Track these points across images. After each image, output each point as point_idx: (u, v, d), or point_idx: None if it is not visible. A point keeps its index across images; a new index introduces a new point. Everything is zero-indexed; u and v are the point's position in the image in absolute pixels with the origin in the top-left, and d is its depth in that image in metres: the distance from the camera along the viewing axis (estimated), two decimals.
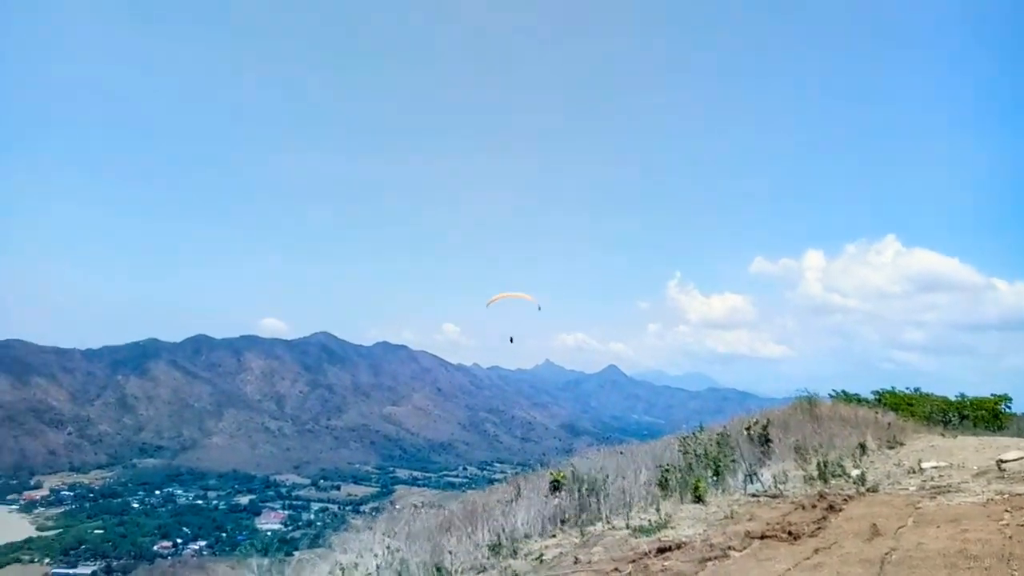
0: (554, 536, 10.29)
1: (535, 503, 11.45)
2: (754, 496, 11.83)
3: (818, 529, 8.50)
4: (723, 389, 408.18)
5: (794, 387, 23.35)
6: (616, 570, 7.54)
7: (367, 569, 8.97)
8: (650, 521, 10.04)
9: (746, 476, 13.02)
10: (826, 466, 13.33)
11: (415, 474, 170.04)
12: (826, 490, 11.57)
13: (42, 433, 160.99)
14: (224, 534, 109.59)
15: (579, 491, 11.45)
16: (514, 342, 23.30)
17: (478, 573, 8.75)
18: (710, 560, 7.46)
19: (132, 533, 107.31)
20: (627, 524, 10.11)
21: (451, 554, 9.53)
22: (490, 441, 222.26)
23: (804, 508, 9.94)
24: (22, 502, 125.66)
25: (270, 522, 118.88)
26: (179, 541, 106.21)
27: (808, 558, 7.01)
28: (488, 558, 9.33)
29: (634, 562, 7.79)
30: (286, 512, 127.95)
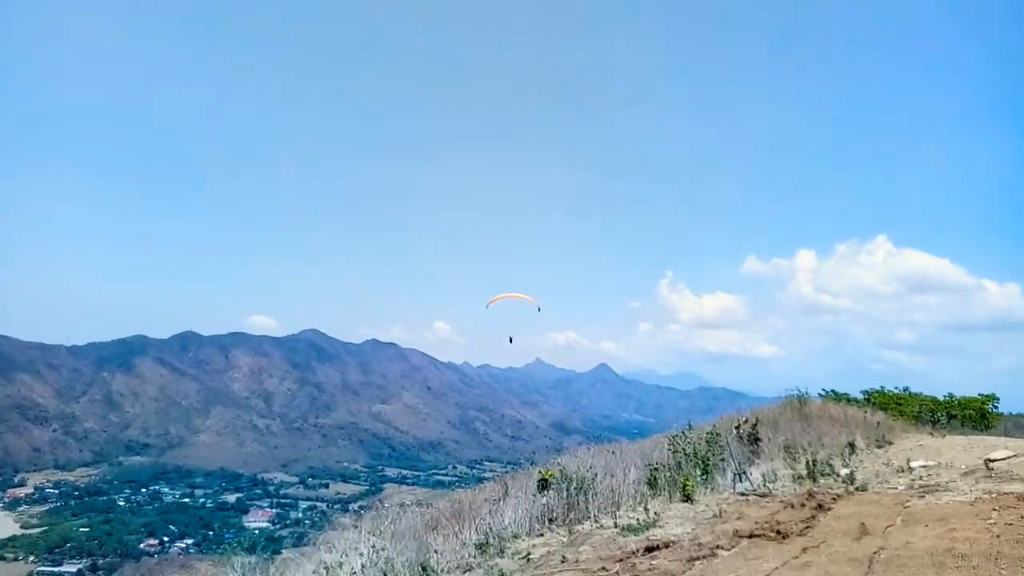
0: (542, 535, 10.25)
1: (523, 502, 11.41)
2: (743, 495, 11.84)
3: (807, 528, 8.49)
4: (714, 388, 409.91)
5: (784, 387, 23.42)
6: (603, 569, 7.49)
7: (352, 568, 8.89)
8: (638, 520, 10.02)
9: (735, 475, 13.03)
10: (815, 465, 13.36)
11: (404, 472, 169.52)
12: (815, 489, 11.58)
13: (27, 430, 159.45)
14: (211, 532, 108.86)
15: (567, 490, 11.41)
16: (512, 342, 23.22)
17: (464, 572, 8.69)
18: (698, 559, 7.43)
19: (118, 531, 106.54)
20: (615, 523, 10.09)
21: (437, 553, 9.46)
22: (480, 440, 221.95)
23: (793, 507, 9.94)
24: (6, 500, 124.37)
25: (258, 520, 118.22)
26: (166, 539, 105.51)
27: (796, 557, 6.99)
28: (475, 557, 9.27)
29: (621, 561, 7.75)
30: (274, 510, 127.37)
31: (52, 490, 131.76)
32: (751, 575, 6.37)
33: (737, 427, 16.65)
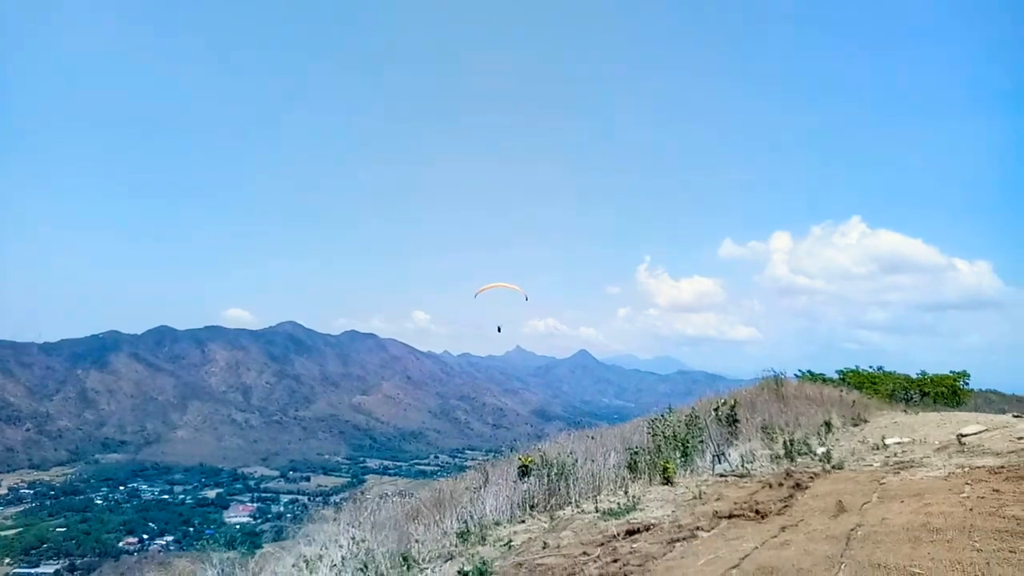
0: (523, 521, 10.25)
1: (504, 489, 11.39)
2: (722, 476, 11.94)
3: (785, 507, 8.57)
4: (692, 372, 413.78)
5: (761, 368, 23.69)
6: (585, 554, 7.50)
7: (332, 561, 8.82)
8: (619, 504, 10.06)
9: (714, 456, 13.14)
10: (792, 444, 13.51)
11: (386, 463, 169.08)
12: (793, 468, 11.71)
13: None
14: (191, 529, 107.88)
15: (548, 476, 11.40)
16: (500, 331, 23.07)
17: (446, 561, 8.66)
18: (678, 541, 7.47)
19: (96, 530, 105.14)
20: (596, 507, 10.11)
21: (418, 543, 9.43)
22: (461, 428, 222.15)
23: (771, 487, 10.04)
24: None
25: (238, 515, 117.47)
26: (145, 537, 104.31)
27: (775, 536, 7.05)
28: (456, 545, 9.24)
29: (603, 545, 7.77)
30: (255, 505, 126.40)
31: (27, 490, 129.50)
32: (731, 555, 6.40)
33: (716, 409, 16.78)
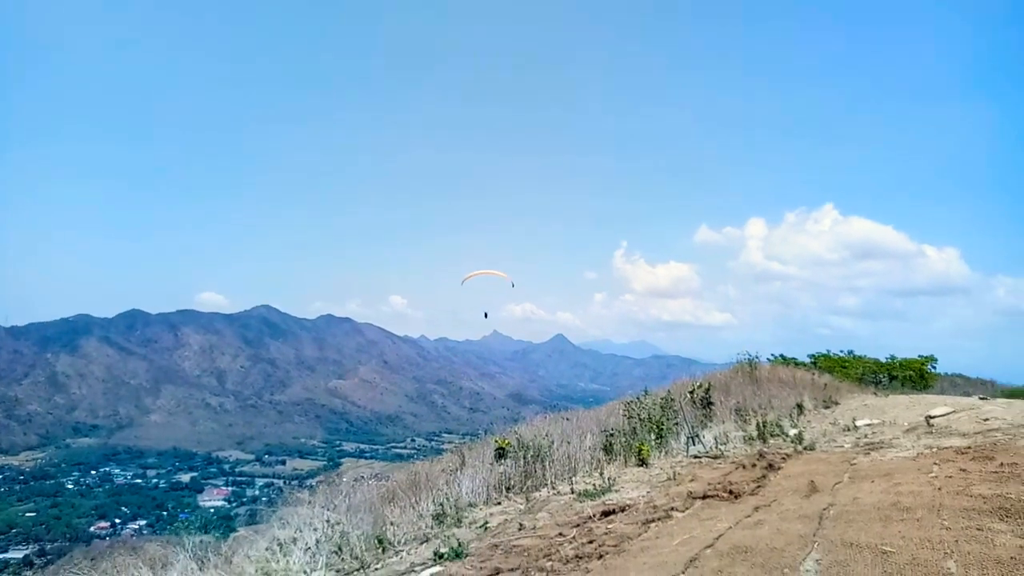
0: (499, 503, 10.25)
1: (480, 471, 11.39)
2: (696, 458, 12.03)
3: (758, 488, 8.65)
4: (667, 356, 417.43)
5: (735, 353, 23.92)
6: (560, 535, 7.51)
7: (306, 543, 8.73)
8: (594, 485, 10.09)
9: (688, 438, 13.24)
10: (765, 426, 13.65)
11: (362, 447, 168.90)
12: (765, 449, 11.83)
13: None
14: (165, 513, 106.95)
15: (524, 458, 11.42)
16: (487, 317, 22.97)
17: (421, 543, 8.62)
18: (653, 521, 7.50)
19: (67, 515, 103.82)
20: (572, 489, 10.14)
21: (394, 525, 9.37)
22: (438, 412, 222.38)
23: (744, 468, 10.13)
24: None
25: (213, 499, 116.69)
26: (117, 521, 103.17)
27: (749, 516, 7.09)
28: (432, 528, 9.21)
29: (578, 526, 7.78)
30: (230, 488, 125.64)
31: None
32: (705, 535, 6.43)
33: (690, 392, 16.89)
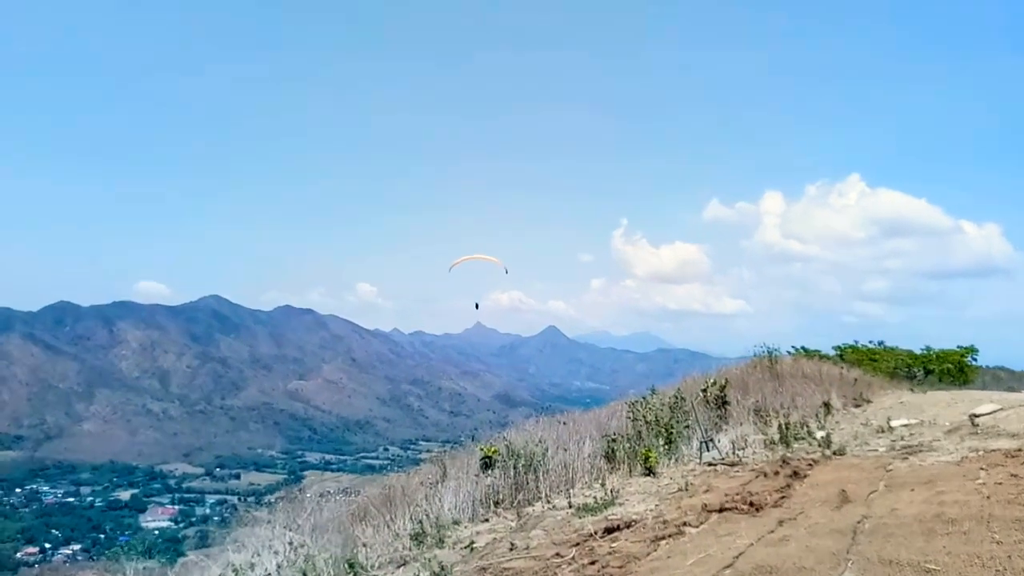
0: (487, 520, 10.22)
1: (464, 484, 11.35)
2: (711, 465, 12.05)
3: (782, 498, 8.66)
4: (673, 350, 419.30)
5: (751, 345, 23.97)
6: (558, 555, 7.48)
7: (266, 569, 8.68)
8: (595, 498, 10.08)
9: (702, 443, 13.27)
10: (788, 428, 13.71)
11: (328, 457, 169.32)
12: (789, 455, 11.88)
13: None
14: (102, 536, 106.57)
15: (515, 468, 11.39)
16: (478, 308, 22.93)
17: (398, 567, 8.57)
18: (664, 538, 7.48)
19: None
20: (569, 502, 10.12)
21: (366, 547, 9.33)
22: (414, 417, 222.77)
23: (766, 476, 10.15)
24: None
25: (157, 519, 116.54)
26: (48, 546, 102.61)
27: (772, 531, 7.09)
28: (410, 549, 9.16)
29: (578, 545, 7.75)
30: (176, 507, 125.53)
31: None
32: (723, 553, 6.42)
33: (703, 390, 16.94)
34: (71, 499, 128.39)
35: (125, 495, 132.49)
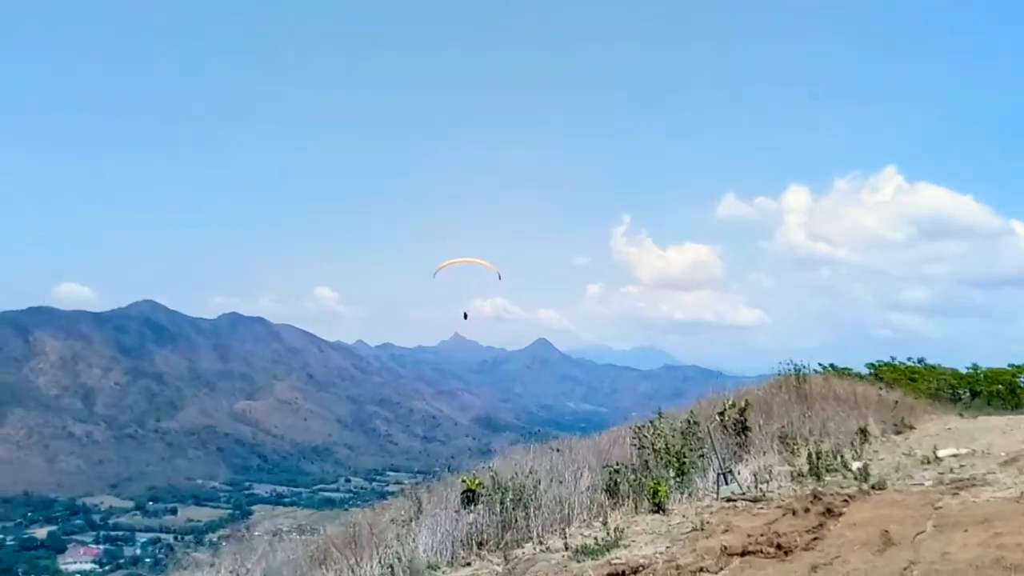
0: (469, 564, 10.15)
1: (443, 521, 11.25)
2: (730, 500, 12.00)
3: (814, 540, 8.61)
4: (682, 367, 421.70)
5: (773, 362, 23.95)
6: None
7: None
8: (596, 539, 10.01)
9: (719, 475, 13.19)
10: (819, 458, 13.67)
11: (280, 490, 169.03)
12: (821, 489, 11.84)
13: None
14: None
15: (502, 503, 11.31)
16: (466, 318, 22.85)
17: None
18: None
19: None
20: (566, 544, 10.04)
21: None
22: (381, 443, 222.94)
23: (795, 513, 10.10)
24: None
25: (79, 561, 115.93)
26: None
27: None
28: None
29: None
30: (101, 547, 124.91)
31: None
32: None
33: (720, 414, 16.90)
34: None
35: (41, 532, 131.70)
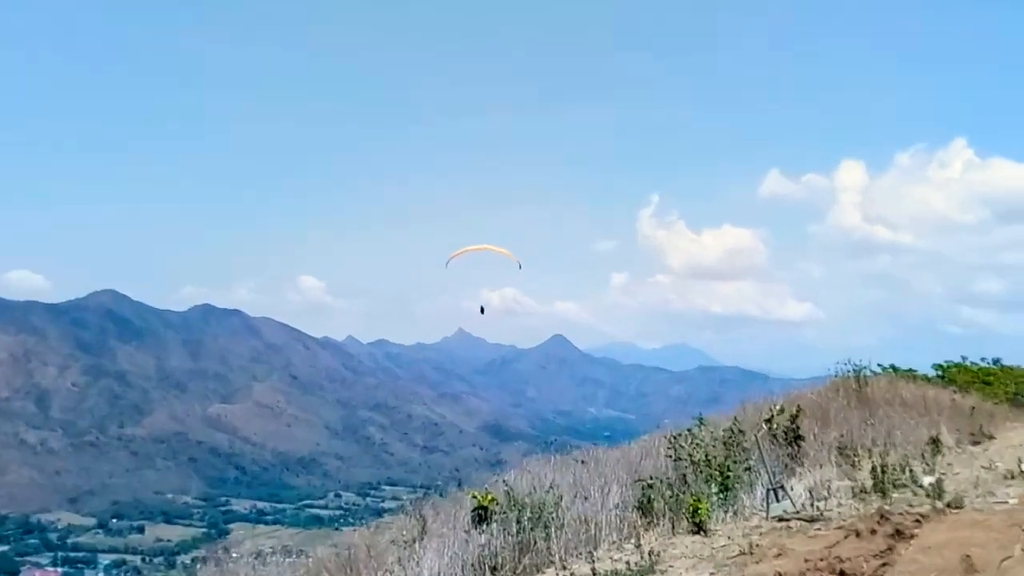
0: None
1: (451, 543, 11.24)
2: (782, 520, 11.94)
3: (883, 566, 8.53)
4: (720, 367, 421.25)
5: (825, 362, 23.85)
6: None
7: None
8: (628, 563, 9.96)
9: (768, 491, 13.12)
10: (885, 472, 13.58)
11: (260, 505, 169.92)
12: (888, 508, 11.75)
13: None
14: None
15: (518, 522, 11.27)
16: (483, 312, 23.01)
17: None
18: None
19: None
20: (593, 569, 9.99)
21: None
22: (375, 453, 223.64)
23: (859, 535, 10.01)
24: None
25: None
26: None
27: None
28: None
29: None
30: (59, 569, 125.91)
31: None
32: None
33: (767, 421, 16.82)
34: None
35: None
